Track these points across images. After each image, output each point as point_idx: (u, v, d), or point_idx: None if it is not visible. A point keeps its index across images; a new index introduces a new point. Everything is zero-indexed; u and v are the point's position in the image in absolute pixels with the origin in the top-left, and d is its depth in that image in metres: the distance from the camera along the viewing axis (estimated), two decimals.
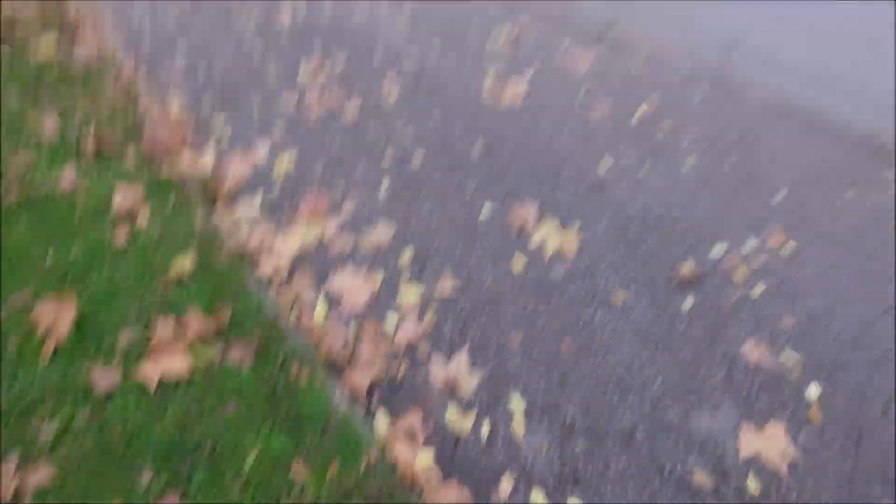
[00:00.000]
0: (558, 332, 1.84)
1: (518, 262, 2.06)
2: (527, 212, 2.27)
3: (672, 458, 1.55)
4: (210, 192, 2.15)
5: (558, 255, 2.11)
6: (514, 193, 2.39)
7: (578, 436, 1.58)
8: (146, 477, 1.24)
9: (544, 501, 1.42)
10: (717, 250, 2.22)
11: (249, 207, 2.12)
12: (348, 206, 2.20)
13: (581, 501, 1.43)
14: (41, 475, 1.21)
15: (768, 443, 1.61)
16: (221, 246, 1.87)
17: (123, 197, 1.93)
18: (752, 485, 1.51)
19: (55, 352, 1.44)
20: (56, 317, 1.49)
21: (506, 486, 1.44)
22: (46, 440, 1.27)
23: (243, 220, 2.04)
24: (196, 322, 1.54)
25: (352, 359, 1.67)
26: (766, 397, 1.73)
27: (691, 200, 2.46)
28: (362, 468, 1.36)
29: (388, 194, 2.30)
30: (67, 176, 2.00)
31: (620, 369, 1.75)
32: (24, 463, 1.23)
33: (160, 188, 2.07)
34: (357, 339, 1.73)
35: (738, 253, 2.21)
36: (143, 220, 1.89)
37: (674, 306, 1.98)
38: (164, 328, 1.50)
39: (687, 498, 1.48)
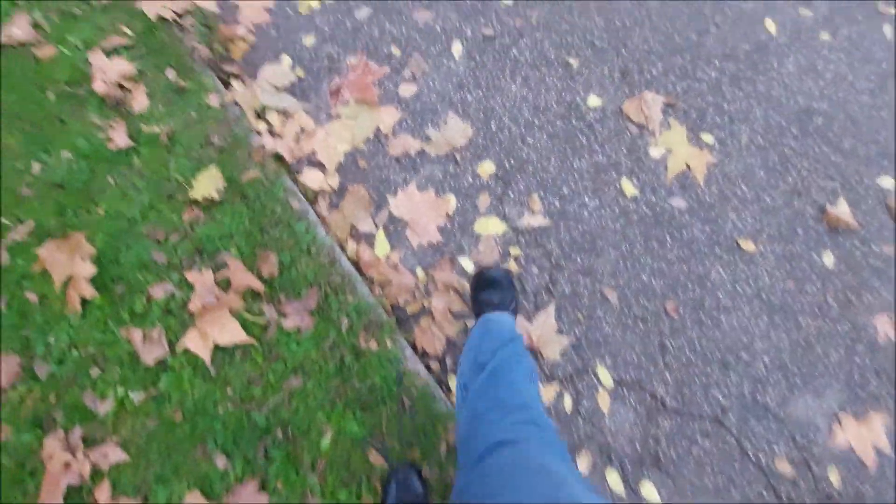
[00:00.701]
0: (665, 290, 1.54)
1: (628, 186, 1.60)
2: (650, 107, 1.66)
3: (759, 444, 1.47)
4: (218, 56, 1.54)
5: (683, 178, 1.63)
6: (636, 72, 1.72)
7: (666, 415, 1.46)
8: (220, 462, 1.17)
9: (618, 482, 1.40)
10: (884, 184, 1.70)
11: (276, 88, 1.54)
12: (408, 88, 1.61)
13: (654, 485, 1.41)
14: (112, 457, 1.14)
15: (863, 434, 1.50)
16: (249, 150, 1.42)
17: (105, 67, 1.38)
18: (833, 477, 1.47)
19: (83, 306, 1.22)
20: (71, 265, 1.21)
21: (582, 464, 1.40)
22: (107, 415, 1.17)
23: (270, 106, 1.51)
24: (239, 276, 1.26)
25: (422, 312, 1.44)
26: (878, 383, 1.55)
27: (872, 101, 1.78)
28: (443, 451, 1.29)
29: (463, 65, 1.66)
30: (20, 24, 1.39)
31: (728, 342, 1.52)
32: (91, 443, 1.15)
33: (147, 44, 1.47)
34: (427, 285, 1.46)
35: None
36: (138, 105, 1.38)
37: (810, 262, 1.61)
38: (202, 287, 1.23)
39: (763, 484, 1.45)
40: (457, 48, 1.67)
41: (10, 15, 1.42)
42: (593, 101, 1.66)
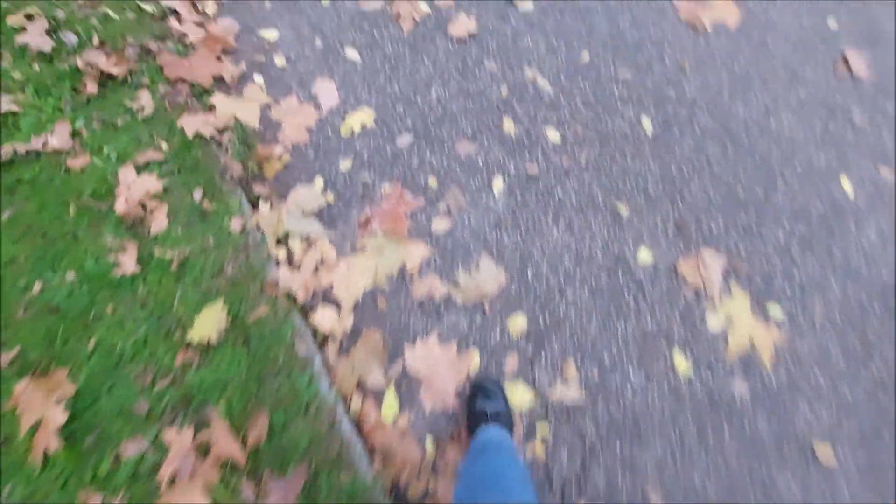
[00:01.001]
0: (721, 496, 1.28)
1: (681, 361, 1.39)
2: (708, 268, 1.49)
3: None
4: (250, 175, 1.49)
5: (746, 357, 1.41)
6: (693, 226, 1.56)
7: None
8: None
9: None
10: None
11: (303, 212, 1.46)
12: (441, 222, 1.50)
13: None
14: None
15: None
16: (262, 283, 1.31)
17: (131, 184, 1.33)
18: None
19: (45, 459, 1.07)
20: (45, 407, 1.08)
21: None
22: None
23: (294, 232, 1.42)
24: (221, 442, 1.10)
25: (426, 495, 1.23)
26: None
27: None
28: None
29: (502, 203, 1.55)
30: (60, 132, 1.38)
31: None
32: None
33: (181, 159, 1.44)
34: (436, 461, 1.25)
35: None
36: (157, 226, 1.32)
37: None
38: (178, 450, 1.07)
39: None
40: (497, 184, 1.57)
41: (53, 122, 1.42)
42: (644, 255, 1.50)
